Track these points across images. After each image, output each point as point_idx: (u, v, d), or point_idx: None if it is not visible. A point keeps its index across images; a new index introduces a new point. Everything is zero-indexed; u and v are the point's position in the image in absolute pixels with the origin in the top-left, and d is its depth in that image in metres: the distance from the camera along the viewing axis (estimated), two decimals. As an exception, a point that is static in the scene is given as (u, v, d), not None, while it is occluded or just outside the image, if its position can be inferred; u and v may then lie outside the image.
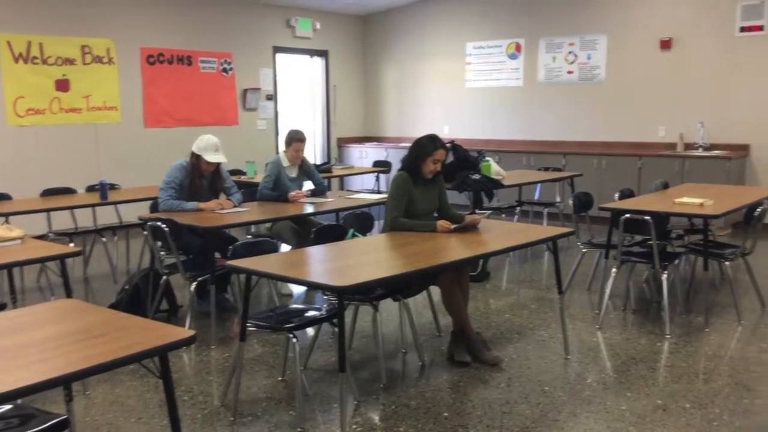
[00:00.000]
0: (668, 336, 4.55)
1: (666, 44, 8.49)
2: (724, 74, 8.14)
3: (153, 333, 2.34)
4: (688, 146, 8.35)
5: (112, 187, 6.41)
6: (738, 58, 8.04)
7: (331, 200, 5.68)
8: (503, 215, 7.42)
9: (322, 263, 3.64)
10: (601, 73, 9.08)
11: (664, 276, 4.70)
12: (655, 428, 3.27)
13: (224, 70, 9.42)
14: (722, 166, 7.74)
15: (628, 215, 4.72)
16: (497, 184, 6.54)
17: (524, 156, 9.20)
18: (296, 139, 5.69)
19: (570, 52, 9.31)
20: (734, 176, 7.83)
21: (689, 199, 5.09)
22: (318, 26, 10.57)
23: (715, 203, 4.99)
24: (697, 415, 3.41)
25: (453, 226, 4.15)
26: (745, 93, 8.03)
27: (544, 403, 3.57)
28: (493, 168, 6.68)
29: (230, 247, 3.70)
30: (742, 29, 7.99)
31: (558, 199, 8.00)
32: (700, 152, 8.14)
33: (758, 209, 4.92)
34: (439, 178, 4.44)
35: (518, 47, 9.78)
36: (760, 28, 7.87)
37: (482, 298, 5.55)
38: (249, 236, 5.49)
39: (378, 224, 4.86)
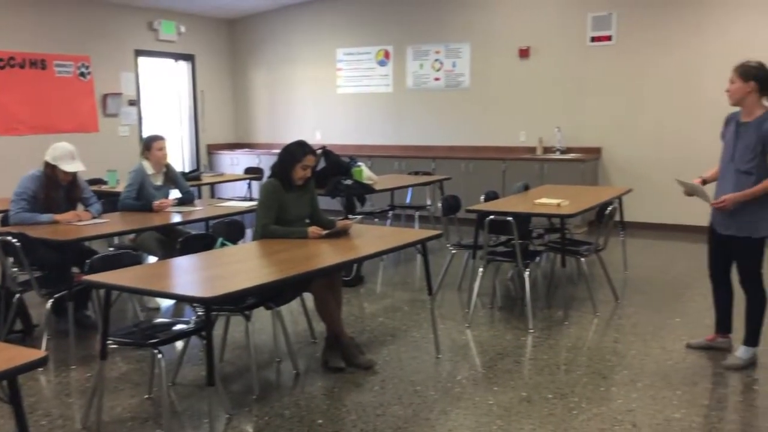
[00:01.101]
0: (531, 330, 4.78)
1: (524, 53, 8.93)
2: (577, 82, 8.68)
3: (0, 356, 2.18)
4: (547, 150, 8.82)
5: (-44, 200, 5.91)
6: (589, 67, 8.59)
7: (200, 209, 5.53)
8: (376, 219, 7.51)
9: (189, 274, 3.53)
10: (465, 80, 9.41)
11: (527, 273, 4.93)
12: (520, 420, 3.42)
13: (81, 74, 8.93)
14: (577, 168, 8.24)
15: (492, 217, 4.91)
16: (369, 189, 6.61)
17: (396, 161, 9.37)
18: (155, 138, 5.51)
19: (436, 60, 9.59)
20: (588, 177, 8.36)
21: (548, 200, 5.36)
22: (183, 29, 10.24)
23: (571, 203, 5.29)
24: (558, 404, 3.60)
25: (324, 232, 4.16)
26: (596, 99, 8.60)
27: (416, 402, 3.64)
28: (365, 173, 6.74)
29: (87, 261, 3.50)
30: (593, 39, 8.55)
31: (428, 202, 8.21)
32: (557, 155, 8.62)
33: (609, 208, 5.27)
34: (310, 184, 4.43)
35: (387, 54, 9.95)
36: (609, 38, 8.45)
37: (356, 303, 5.59)
38: (111, 249, 5.23)
39: (249, 232, 4.78)
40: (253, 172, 8.82)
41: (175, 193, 5.68)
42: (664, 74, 8.18)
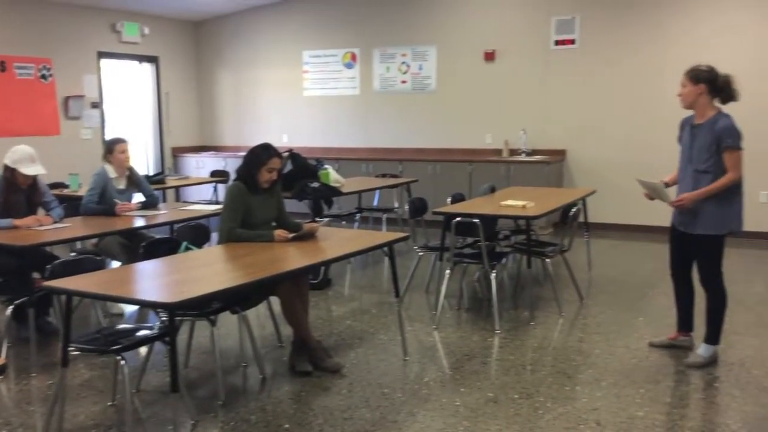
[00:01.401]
0: (498, 331, 4.81)
1: (490, 56, 9.00)
2: (542, 85, 8.77)
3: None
4: (513, 152, 8.90)
5: None
6: (553, 70, 8.69)
7: (164, 212, 5.45)
8: (344, 222, 7.50)
9: (153, 279, 3.48)
10: (432, 83, 9.45)
11: (493, 275, 4.96)
12: (486, 420, 3.44)
13: (43, 76, 8.77)
14: (542, 170, 8.33)
15: (459, 219, 4.94)
16: (336, 192, 6.60)
17: (363, 163, 9.37)
18: (117, 141, 5.44)
19: (403, 63, 9.61)
20: (553, 179, 8.45)
21: (513, 202, 5.40)
22: (146, 31, 10.11)
23: (536, 205, 5.34)
24: (524, 404, 3.63)
25: (291, 235, 4.13)
26: (561, 102, 8.70)
27: (383, 405, 3.64)
28: (332, 176, 6.73)
29: (48, 266, 3.43)
30: (557, 43, 8.65)
31: (396, 204, 8.22)
32: (523, 157, 8.70)
33: (573, 209, 5.34)
34: (276, 187, 4.40)
35: (354, 57, 9.95)
36: (572, 41, 8.56)
37: (324, 306, 5.57)
38: (73, 254, 5.14)
39: (214, 236, 4.73)
40: (218, 175, 8.75)
41: (138, 197, 5.60)
42: (626, 77, 8.31)
